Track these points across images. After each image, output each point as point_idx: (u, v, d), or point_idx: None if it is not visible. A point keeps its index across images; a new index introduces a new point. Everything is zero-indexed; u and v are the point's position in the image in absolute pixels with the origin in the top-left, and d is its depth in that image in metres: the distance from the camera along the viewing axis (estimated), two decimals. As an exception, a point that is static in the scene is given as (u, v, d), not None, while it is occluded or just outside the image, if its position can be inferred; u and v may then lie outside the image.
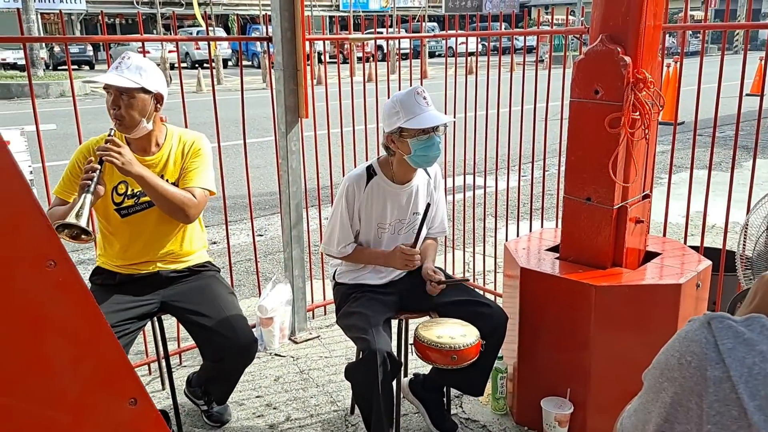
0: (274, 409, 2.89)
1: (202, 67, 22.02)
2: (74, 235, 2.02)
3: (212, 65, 3.53)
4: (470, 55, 4.25)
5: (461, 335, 2.30)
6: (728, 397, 0.78)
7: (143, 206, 2.45)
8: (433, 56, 28.52)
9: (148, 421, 1.03)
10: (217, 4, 32.31)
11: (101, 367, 0.99)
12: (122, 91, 2.29)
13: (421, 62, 15.73)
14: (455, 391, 2.83)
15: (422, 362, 2.38)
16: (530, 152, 3.73)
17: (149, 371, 3.20)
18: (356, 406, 2.63)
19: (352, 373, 2.40)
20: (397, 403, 2.44)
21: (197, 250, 2.63)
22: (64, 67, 24.68)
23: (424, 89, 2.41)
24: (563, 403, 2.52)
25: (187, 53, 26.95)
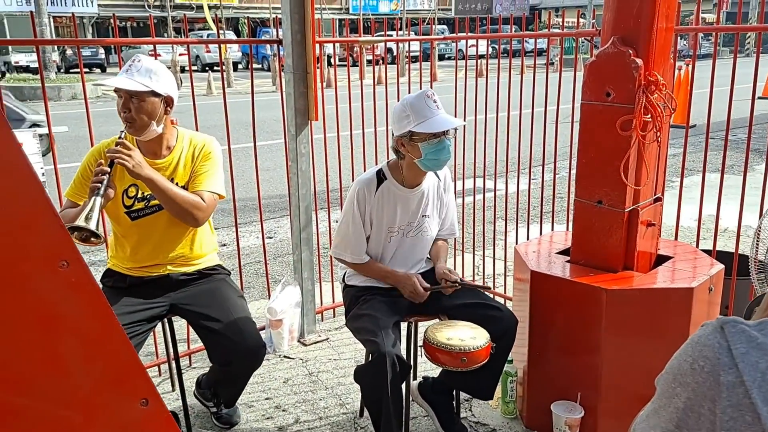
0: (283, 411, 2.90)
1: (212, 70, 22.12)
2: (84, 237, 2.02)
3: (222, 68, 3.55)
4: (480, 57, 4.24)
5: (471, 338, 2.29)
6: (741, 402, 0.77)
7: (153, 209, 2.45)
8: (442, 59, 28.53)
9: (159, 421, 1.03)
10: (227, 7, 32.49)
11: (113, 367, 1.00)
12: (132, 94, 2.30)
13: (431, 65, 15.73)
14: (465, 394, 2.82)
15: (431, 365, 2.38)
16: (541, 155, 3.71)
17: (159, 372, 3.21)
18: (365, 408, 2.63)
19: (361, 375, 2.40)
20: (406, 405, 2.43)
21: (207, 253, 2.64)
22: (76, 70, 24.91)
23: (434, 92, 2.41)
24: (574, 407, 2.50)
25: (197, 56, 27.11)
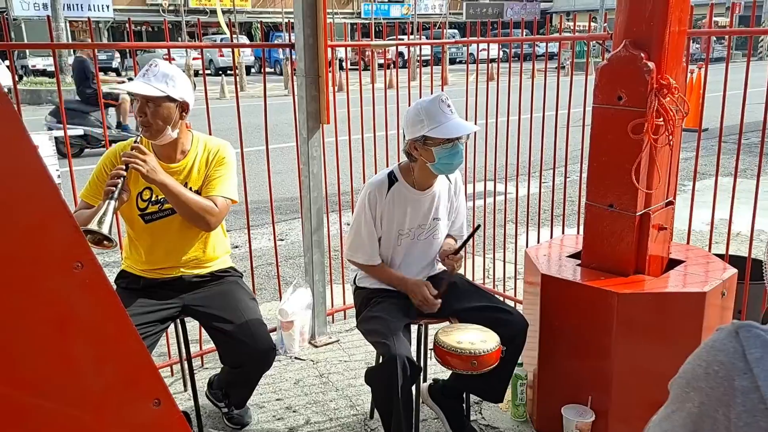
0: (293, 412, 2.91)
1: (225, 74, 22.23)
2: (96, 240, 2.04)
3: (236, 72, 3.57)
4: (491, 61, 4.24)
5: (482, 341, 2.29)
6: (756, 407, 0.77)
7: (167, 213, 2.47)
8: (453, 63, 28.51)
9: (171, 422, 1.04)
10: (241, 11, 32.65)
11: (126, 367, 1.01)
12: (148, 99, 2.32)
13: (442, 69, 15.71)
14: (475, 397, 2.82)
15: (442, 367, 2.38)
16: (551, 159, 3.70)
17: (171, 373, 3.23)
18: (376, 410, 2.63)
19: (371, 377, 2.40)
20: (416, 408, 2.43)
21: (220, 255, 2.65)
22: (90, 73, 25.08)
23: (447, 96, 2.41)
24: (584, 411, 2.49)
25: (210, 60, 27.28)
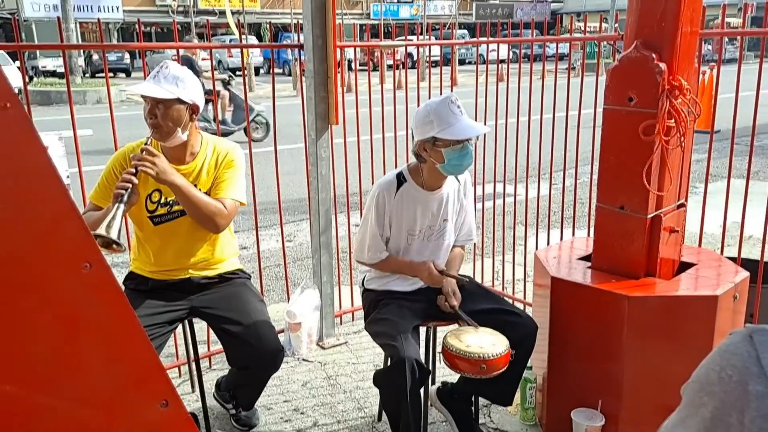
0: (301, 414, 2.90)
1: (234, 74, 22.31)
2: (105, 244, 2.04)
3: (245, 73, 3.57)
4: (501, 62, 4.23)
5: (491, 344, 2.27)
6: None
7: (175, 215, 2.48)
8: (463, 63, 28.48)
9: (178, 423, 1.03)
10: (250, 12, 32.77)
11: (134, 368, 1.00)
12: (158, 101, 2.32)
13: (451, 69, 15.70)
14: (484, 399, 2.80)
15: (450, 370, 2.37)
16: (561, 160, 3.68)
17: (179, 374, 3.24)
18: (384, 412, 2.62)
19: (380, 379, 2.39)
20: (425, 411, 2.42)
21: (228, 257, 2.65)
22: (101, 74, 25.29)
23: (457, 97, 2.40)
24: (594, 414, 2.47)
25: (219, 61, 27.36)
